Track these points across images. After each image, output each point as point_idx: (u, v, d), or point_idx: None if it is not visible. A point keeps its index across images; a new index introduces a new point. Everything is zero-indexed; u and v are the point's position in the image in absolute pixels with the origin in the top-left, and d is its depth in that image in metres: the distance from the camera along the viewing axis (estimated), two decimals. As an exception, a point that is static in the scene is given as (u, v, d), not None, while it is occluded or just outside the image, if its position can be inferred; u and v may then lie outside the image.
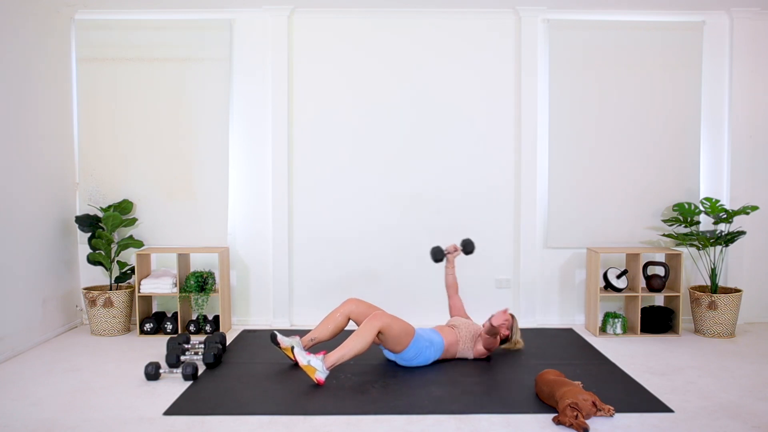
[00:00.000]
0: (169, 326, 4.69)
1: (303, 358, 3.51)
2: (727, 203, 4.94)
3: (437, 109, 4.98)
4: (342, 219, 5.01)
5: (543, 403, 3.25)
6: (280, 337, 3.85)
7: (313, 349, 3.99)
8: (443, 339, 3.95)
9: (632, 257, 4.81)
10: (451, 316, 4.33)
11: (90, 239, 4.70)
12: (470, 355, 4.03)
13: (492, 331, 3.84)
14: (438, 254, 4.29)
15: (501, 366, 3.92)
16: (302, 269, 5.03)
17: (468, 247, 4.31)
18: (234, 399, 3.35)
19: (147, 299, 4.82)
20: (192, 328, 4.71)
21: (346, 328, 4.09)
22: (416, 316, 4.73)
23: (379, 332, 3.65)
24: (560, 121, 4.97)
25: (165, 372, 3.73)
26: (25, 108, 4.37)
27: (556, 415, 3.02)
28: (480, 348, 4.00)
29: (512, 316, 4.26)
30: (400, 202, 5.02)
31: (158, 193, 4.98)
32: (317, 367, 3.48)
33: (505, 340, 4.21)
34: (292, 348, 3.70)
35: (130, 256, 4.99)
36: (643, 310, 4.78)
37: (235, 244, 5.02)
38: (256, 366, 3.91)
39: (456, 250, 4.34)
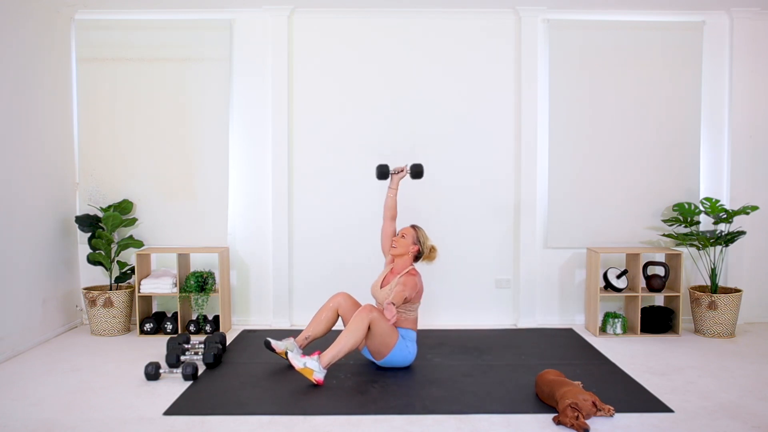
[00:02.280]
0: (169, 326, 4.69)
1: (298, 361, 3.50)
2: (727, 203, 4.94)
3: (437, 108, 4.98)
4: (342, 219, 5.01)
5: (543, 403, 3.25)
6: (274, 343, 3.84)
7: (308, 348, 3.98)
8: (413, 330, 3.85)
9: (632, 257, 4.81)
10: (382, 243, 4.11)
11: (90, 239, 4.70)
12: (416, 308, 3.90)
13: (398, 303, 3.65)
14: (382, 169, 4.11)
15: (501, 366, 3.92)
16: (302, 269, 5.03)
17: (416, 168, 4.11)
18: (234, 399, 3.35)
19: (147, 299, 4.82)
20: (192, 328, 4.71)
21: (334, 328, 4.06)
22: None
23: (368, 327, 3.59)
24: (560, 121, 4.97)
25: (165, 372, 3.73)
26: (25, 108, 4.37)
27: (557, 415, 3.02)
28: (410, 309, 3.86)
29: (414, 227, 4.02)
30: (401, 203, 5.01)
31: (158, 193, 4.98)
32: (314, 368, 3.48)
33: (419, 255, 4.00)
34: (287, 352, 3.70)
35: (130, 256, 4.99)
36: (643, 310, 4.78)
37: (235, 244, 5.02)
38: (256, 366, 3.91)
39: (403, 170, 4.13)
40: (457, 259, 4.95)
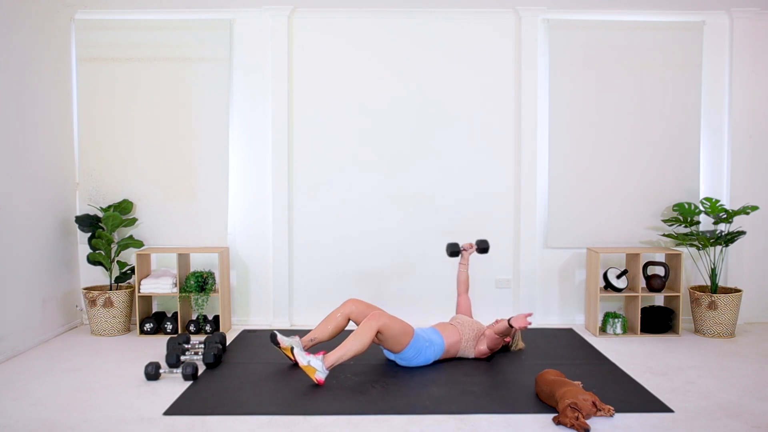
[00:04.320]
0: (169, 326, 4.69)
1: (303, 358, 3.52)
2: (727, 203, 4.94)
3: (437, 109, 4.98)
4: (342, 219, 5.01)
5: (543, 403, 3.25)
6: (280, 337, 3.85)
7: (313, 349, 3.99)
8: (444, 339, 3.95)
9: (632, 257, 4.81)
10: (457, 314, 4.33)
11: (90, 239, 4.70)
12: (471, 355, 4.03)
13: (505, 332, 3.87)
14: (453, 248, 4.41)
15: (501, 366, 3.92)
16: (302, 269, 5.04)
17: (483, 245, 4.41)
18: (234, 399, 3.35)
19: (147, 299, 4.82)
20: (192, 328, 4.71)
21: (346, 329, 4.09)
22: (417, 317, 4.73)
23: (378, 332, 3.66)
24: (560, 121, 4.97)
25: (165, 372, 3.73)
26: (26, 108, 4.37)
27: (557, 415, 3.02)
28: (483, 348, 4.00)
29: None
30: (400, 201, 5.02)
31: (158, 193, 4.98)
32: (317, 367, 3.48)
33: (506, 346, 4.21)
34: (292, 348, 3.70)
35: (130, 256, 4.99)
36: (643, 310, 4.78)
37: (235, 244, 5.02)
38: (256, 366, 3.91)
39: (472, 247, 4.43)
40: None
